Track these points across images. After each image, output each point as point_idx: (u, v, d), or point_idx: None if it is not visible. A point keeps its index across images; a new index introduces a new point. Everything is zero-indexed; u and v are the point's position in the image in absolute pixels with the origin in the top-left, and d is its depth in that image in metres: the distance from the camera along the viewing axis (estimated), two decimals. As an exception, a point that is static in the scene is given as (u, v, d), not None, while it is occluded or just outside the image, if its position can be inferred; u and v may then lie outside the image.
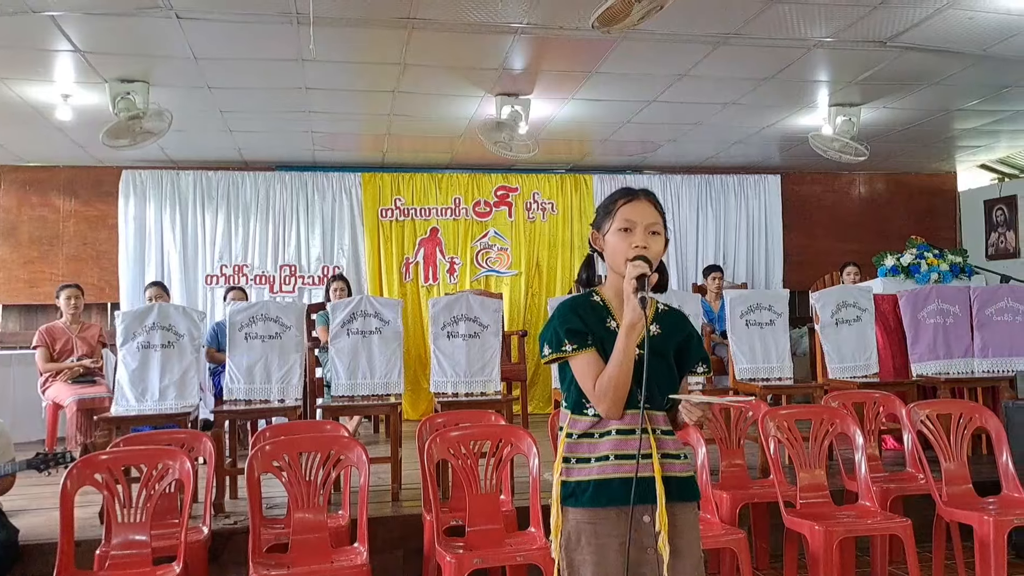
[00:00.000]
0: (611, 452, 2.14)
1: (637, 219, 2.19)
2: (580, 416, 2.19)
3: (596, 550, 2.11)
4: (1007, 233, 9.72)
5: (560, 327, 2.18)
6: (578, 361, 2.16)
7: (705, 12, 5.11)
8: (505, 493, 3.96)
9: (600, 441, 2.16)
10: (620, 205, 2.22)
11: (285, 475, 3.49)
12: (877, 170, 10.08)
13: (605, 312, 2.22)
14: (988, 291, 6.31)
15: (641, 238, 2.17)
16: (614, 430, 2.15)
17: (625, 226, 2.19)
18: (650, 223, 2.20)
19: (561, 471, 2.19)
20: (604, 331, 2.18)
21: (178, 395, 4.91)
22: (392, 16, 5.07)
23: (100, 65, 5.76)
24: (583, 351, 2.15)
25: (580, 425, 2.19)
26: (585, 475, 2.15)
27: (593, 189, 9.41)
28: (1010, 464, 4.16)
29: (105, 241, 8.73)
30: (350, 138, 8.05)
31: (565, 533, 2.17)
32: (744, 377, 5.75)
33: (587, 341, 2.15)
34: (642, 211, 2.21)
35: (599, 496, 2.12)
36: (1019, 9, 5.12)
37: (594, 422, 2.17)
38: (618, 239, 2.19)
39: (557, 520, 2.19)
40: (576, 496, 2.14)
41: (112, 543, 3.42)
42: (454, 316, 5.29)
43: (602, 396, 2.11)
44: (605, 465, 2.14)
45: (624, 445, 2.14)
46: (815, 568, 3.63)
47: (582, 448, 2.18)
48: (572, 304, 2.23)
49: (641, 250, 2.15)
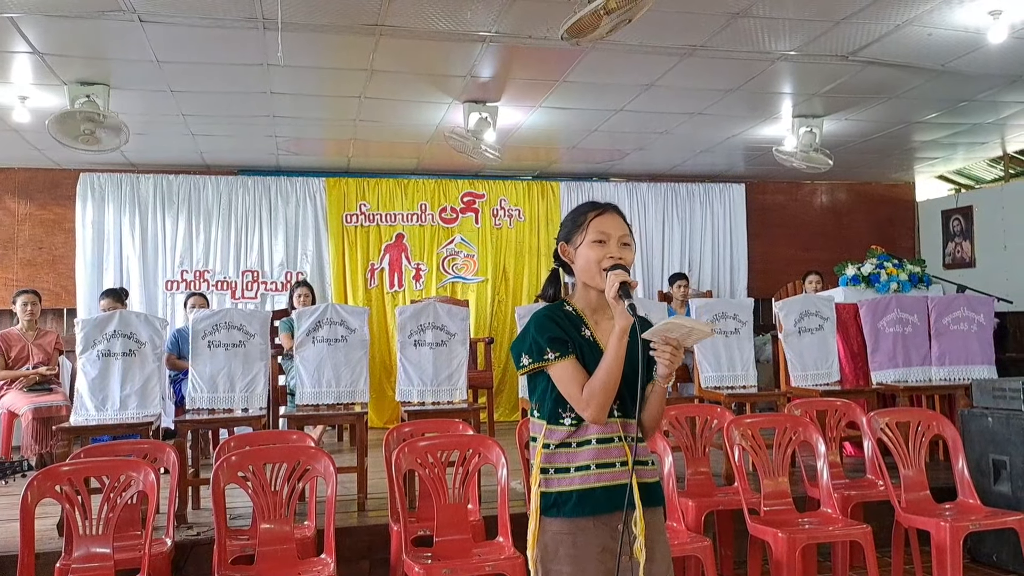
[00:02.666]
0: (591, 461, 2.15)
1: (611, 231, 2.22)
2: (556, 426, 2.20)
3: (574, 560, 2.12)
4: (963, 243, 9.93)
5: (540, 336, 2.18)
6: (560, 368, 2.16)
7: (672, 24, 5.17)
8: (473, 503, 3.95)
9: (579, 451, 2.17)
10: (592, 218, 2.24)
11: (251, 486, 3.45)
12: (839, 180, 10.25)
13: (580, 321, 2.24)
14: (945, 300, 6.44)
15: (615, 249, 2.21)
16: (593, 439, 2.17)
17: (600, 238, 2.21)
18: (622, 235, 2.23)
19: (540, 482, 2.19)
20: (581, 339, 2.20)
21: (140, 404, 4.83)
22: (360, 23, 5.05)
23: (59, 67, 5.66)
24: (565, 358, 2.16)
25: (557, 435, 2.19)
26: (567, 485, 2.15)
27: (560, 196, 9.44)
28: (966, 471, 4.25)
29: (62, 245, 8.55)
30: (315, 143, 7.99)
31: (542, 544, 2.17)
32: (709, 385, 5.81)
33: (568, 348, 2.16)
34: (614, 223, 2.24)
35: (582, 506, 2.13)
36: (975, 27, 5.25)
37: (571, 431, 2.18)
38: (592, 251, 2.21)
39: (535, 531, 2.19)
40: (558, 506, 2.15)
41: (73, 556, 3.36)
42: (421, 324, 5.27)
43: (590, 401, 2.12)
44: (587, 475, 2.15)
45: (604, 454, 2.16)
46: (778, 574, 3.67)
47: (560, 458, 2.18)
48: (548, 313, 2.24)
49: (616, 259, 2.18)
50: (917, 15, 5.10)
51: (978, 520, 3.97)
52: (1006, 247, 9.36)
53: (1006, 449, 4.54)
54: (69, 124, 5.83)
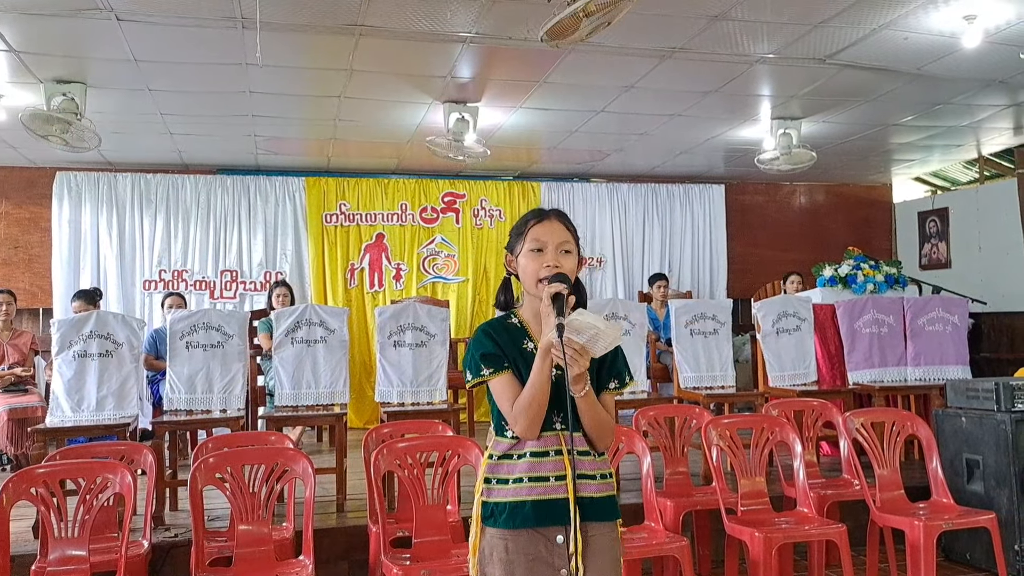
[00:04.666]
0: (525, 475, 2.15)
1: (547, 239, 2.18)
2: (501, 438, 2.20)
3: (505, 566, 2.12)
4: (939, 244, 10.04)
5: (476, 352, 2.18)
6: (495, 384, 2.16)
7: (652, 27, 5.20)
8: (452, 504, 3.95)
9: (517, 463, 2.16)
10: (531, 226, 2.21)
11: (228, 487, 3.43)
12: (817, 181, 10.34)
13: (521, 334, 2.22)
14: (920, 301, 6.50)
15: (552, 257, 2.16)
16: (528, 452, 2.15)
17: (536, 246, 2.18)
18: (560, 242, 2.19)
19: (482, 491, 2.20)
20: (519, 353, 2.18)
21: (116, 405, 4.79)
22: (340, 22, 5.04)
23: (36, 65, 5.61)
24: (499, 374, 2.15)
25: (501, 447, 2.20)
26: (503, 496, 2.16)
27: (541, 196, 9.45)
28: (940, 470, 4.30)
29: (38, 245, 8.48)
30: (295, 142, 7.96)
31: (481, 548, 2.19)
32: (688, 385, 5.84)
33: (503, 364, 2.15)
34: (551, 230, 2.19)
35: (513, 517, 2.13)
36: (951, 31, 5.31)
37: (512, 444, 2.17)
38: (529, 260, 2.18)
39: (476, 537, 2.21)
40: (495, 517, 2.15)
41: (48, 559, 3.33)
42: (401, 325, 5.27)
43: (519, 417, 2.11)
44: (520, 487, 2.14)
45: (538, 467, 2.15)
46: (755, 573, 3.70)
47: (502, 469, 2.18)
48: (486, 328, 2.23)
49: (553, 269, 2.14)
50: (893, 19, 5.16)
51: (952, 519, 4.01)
52: (981, 248, 9.48)
53: (979, 449, 4.60)
54: (39, 121, 5.78)
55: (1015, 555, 4.34)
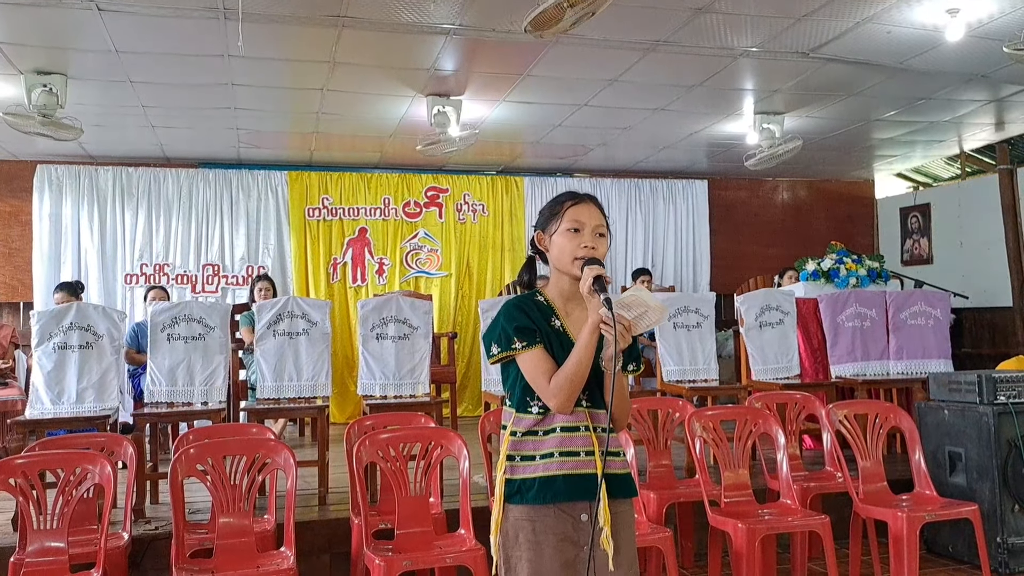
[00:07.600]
0: (555, 449, 2.16)
1: (586, 220, 2.23)
2: (524, 414, 2.21)
3: (532, 547, 2.13)
4: (921, 240, 10.10)
5: (508, 325, 2.19)
6: (527, 358, 2.17)
7: (636, 19, 5.19)
8: (435, 495, 3.94)
9: (544, 439, 2.18)
10: (568, 207, 2.26)
11: (210, 479, 3.41)
12: (800, 177, 10.38)
13: (550, 311, 2.25)
14: (903, 296, 6.54)
15: (590, 238, 2.22)
16: (559, 427, 2.17)
17: (575, 226, 2.23)
18: (597, 224, 2.25)
19: (505, 469, 2.19)
20: (550, 329, 2.21)
21: (97, 397, 4.74)
22: (322, 14, 5.01)
23: (16, 56, 5.54)
24: (532, 348, 2.17)
25: (524, 423, 2.20)
26: (531, 472, 2.16)
27: (524, 191, 9.44)
28: (922, 462, 4.32)
29: (18, 238, 8.38)
30: (277, 136, 7.91)
31: (504, 530, 2.18)
32: (672, 379, 5.84)
33: (536, 338, 2.17)
34: (589, 212, 2.25)
35: (544, 493, 2.13)
36: (933, 25, 5.34)
37: (538, 420, 2.19)
38: (566, 239, 2.22)
39: (498, 517, 2.20)
40: (521, 493, 2.16)
41: (27, 550, 3.29)
42: (383, 318, 5.24)
43: (557, 391, 2.13)
44: (550, 462, 2.15)
45: (568, 442, 2.16)
46: (738, 565, 3.71)
47: (527, 446, 2.19)
48: (518, 303, 2.25)
49: (590, 251, 2.19)
50: (876, 12, 5.18)
51: (934, 511, 4.05)
52: (962, 244, 9.54)
53: (961, 441, 4.63)
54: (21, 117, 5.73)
55: (997, 547, 4.36)
